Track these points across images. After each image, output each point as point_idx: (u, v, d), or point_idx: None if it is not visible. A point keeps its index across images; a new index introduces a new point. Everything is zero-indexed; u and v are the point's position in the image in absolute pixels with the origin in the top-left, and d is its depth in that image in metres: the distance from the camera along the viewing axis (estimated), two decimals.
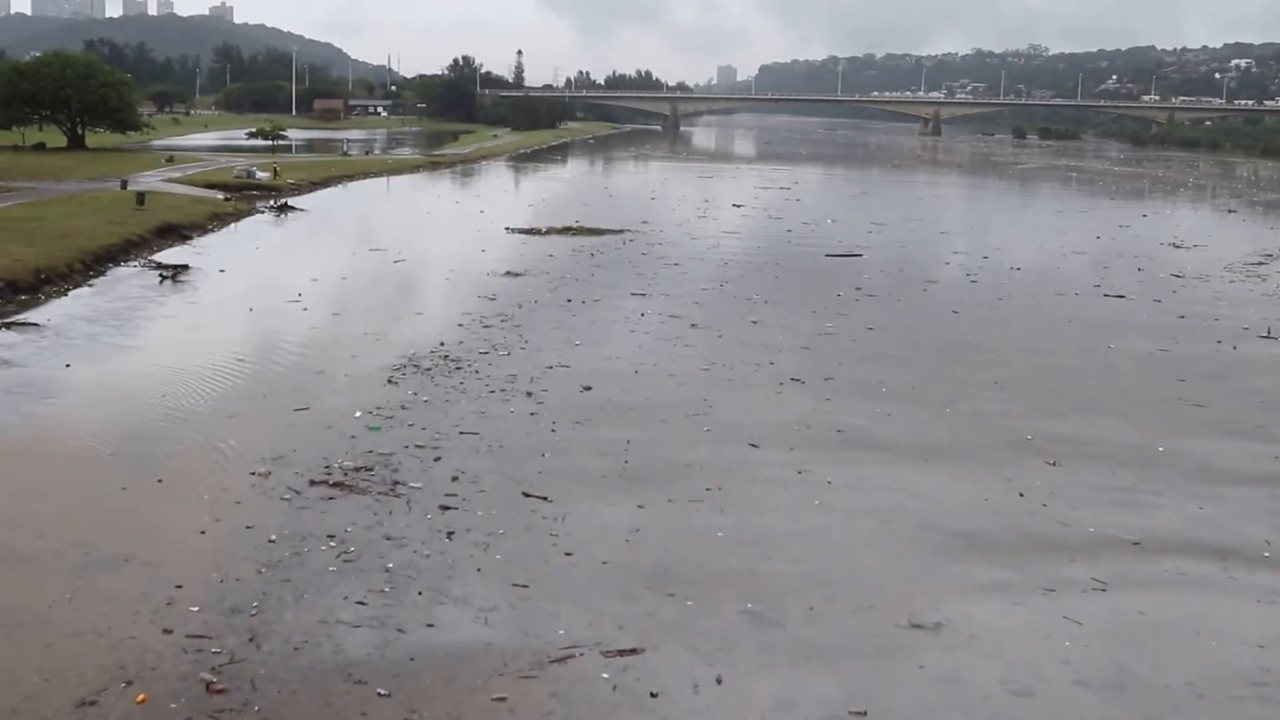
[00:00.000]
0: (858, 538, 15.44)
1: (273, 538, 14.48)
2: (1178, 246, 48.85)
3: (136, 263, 37.05)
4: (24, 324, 27.15)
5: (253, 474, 16.70)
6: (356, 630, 12.32)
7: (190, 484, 16.33)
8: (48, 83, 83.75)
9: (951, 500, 16.80)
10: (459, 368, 23.37)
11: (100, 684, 11.16)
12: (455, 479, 16.72)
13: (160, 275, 34.30)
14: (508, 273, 36.51)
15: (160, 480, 16.49)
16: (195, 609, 12.65)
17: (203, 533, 14.60)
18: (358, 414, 19.70)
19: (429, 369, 23.20)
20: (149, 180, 59.54)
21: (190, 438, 18.42)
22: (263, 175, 67.44)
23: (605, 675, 11.73)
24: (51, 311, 28.63)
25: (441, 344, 25.55)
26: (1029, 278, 39.18)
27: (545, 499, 16.03)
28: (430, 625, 12.56)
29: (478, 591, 13.30)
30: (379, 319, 28.69)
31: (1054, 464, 18.22)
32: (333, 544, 14.38)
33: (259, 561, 13.83)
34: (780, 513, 16.10)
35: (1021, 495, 16.95)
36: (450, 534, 14.85)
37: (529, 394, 21.45)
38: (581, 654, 12.05)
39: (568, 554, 14.39)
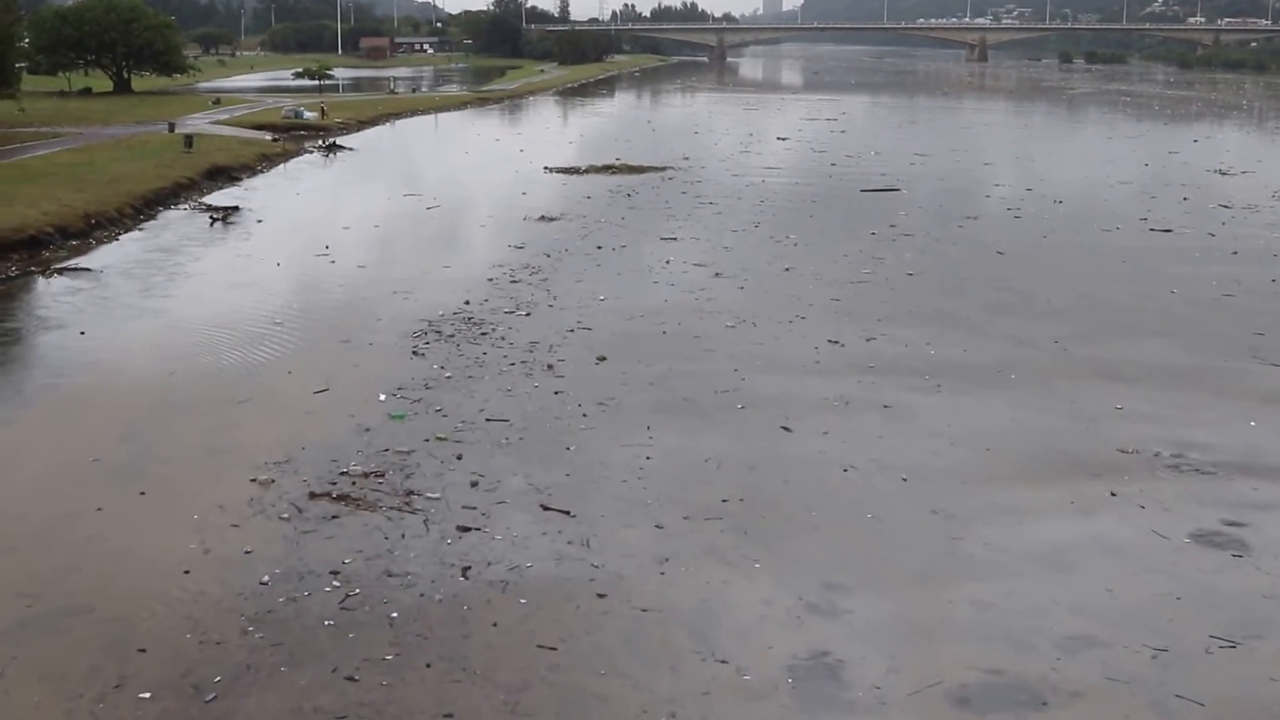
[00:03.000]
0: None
1: (265, 578, 11.81)
2: (1225, 174, 45.63)
3: (186, 205, 36.03)
4: (76, 269, 26.15)
5: (254, 481, 14.15)
6: None
7: (180, 498, 13.67)
8: (92, 27, 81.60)
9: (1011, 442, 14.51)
10: (484, 333, 20.82)
11: None
12: (475, 484, 14.14)
13: (211, 218, 33.55)
14: (541, 217, 33.95)
15: (143, 493, 13.83)
16: (148, 695, 9.88)
17: (186, 572, 11.93)
18: (382, 397, 17.23)
19: (453, 335, 20.70)
20: (196, 123, 57.90)
21: (189, 434, 15.82)
22: (310, 115, 65.77)
23: None
24: (102, 258, 27.58)
25: (467, 303, 23.05)
26: (1074, 211, 36.44)
27: (568, 514, 13.48)
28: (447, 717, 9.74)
29: (499, 658, 10.56)
30: (407, 274, 26.15)
31: (1131, 451, 15.60)
32: (335, 584, 11.76)
33: (246, 615, 11.12)
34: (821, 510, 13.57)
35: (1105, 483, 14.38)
36: (466, 570, 12.19)
37: (549, 366, 18.92)
38: None
39: (600, 595, 11.70)
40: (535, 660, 10.45)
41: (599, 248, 29.00)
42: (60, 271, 26.07)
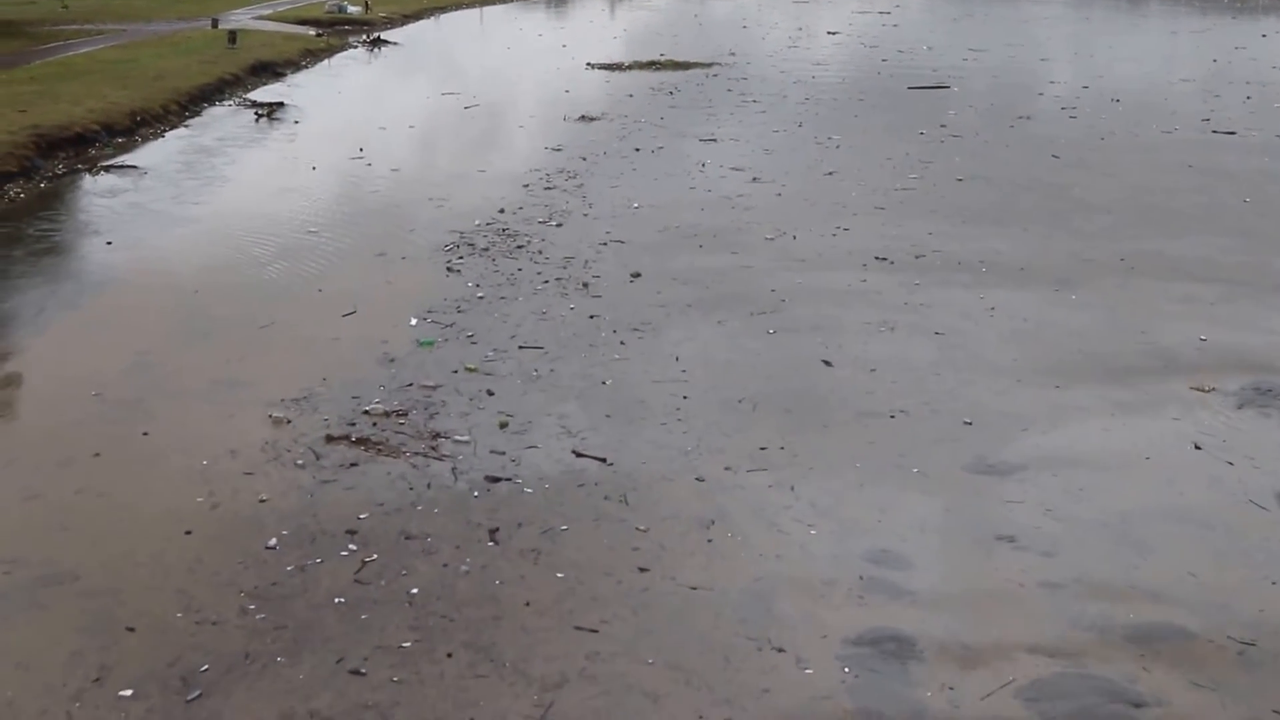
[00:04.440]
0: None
1: (273, 542, 10.30)
2: None
3: (231, 102, 34.93)
4: (122, 167, 25.16)
5: (270, 418, 12.67)
6: None
7: (188, 441, 12.14)
8: None
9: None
10: (519, 245, 19.17)
11: None
12: (504, 425, 12.59)
13: (255, 114, 32.49)
14: (581, 117, 32.05)
15: (146, 434, 12.29)
16: (129, 692, 8.34)
17: (188, 533, 10.41)
18: (412, 321, 15.71)
19: (487, 249, 19.02)
20: (239, 18, 56.26)
21: (205, 364, 14.24)
22: (354, 10, 63.91)
23: None
24: (148, 156, 26.58)
25: (501, 212, 21.43)
26: (1131, 111, 34.03)
27: (604, 461, 11.94)
28: None
29: (536, 646, 8.96)
30: (443, 179, 24.89)
31: (1208, 389, 13.79)
32: (351, 547, 10.28)
33: (246, 590, 9.60)
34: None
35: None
36: (494, 532, 10.62)
37: (584, 285, 17.32)
38: None
39: (643, 569, 10.06)
40: (573, 647, 8.92)
41: (636, 150, 27.16)
42: (107, 169, 25.04)
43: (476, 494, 11.10)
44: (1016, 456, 11.93)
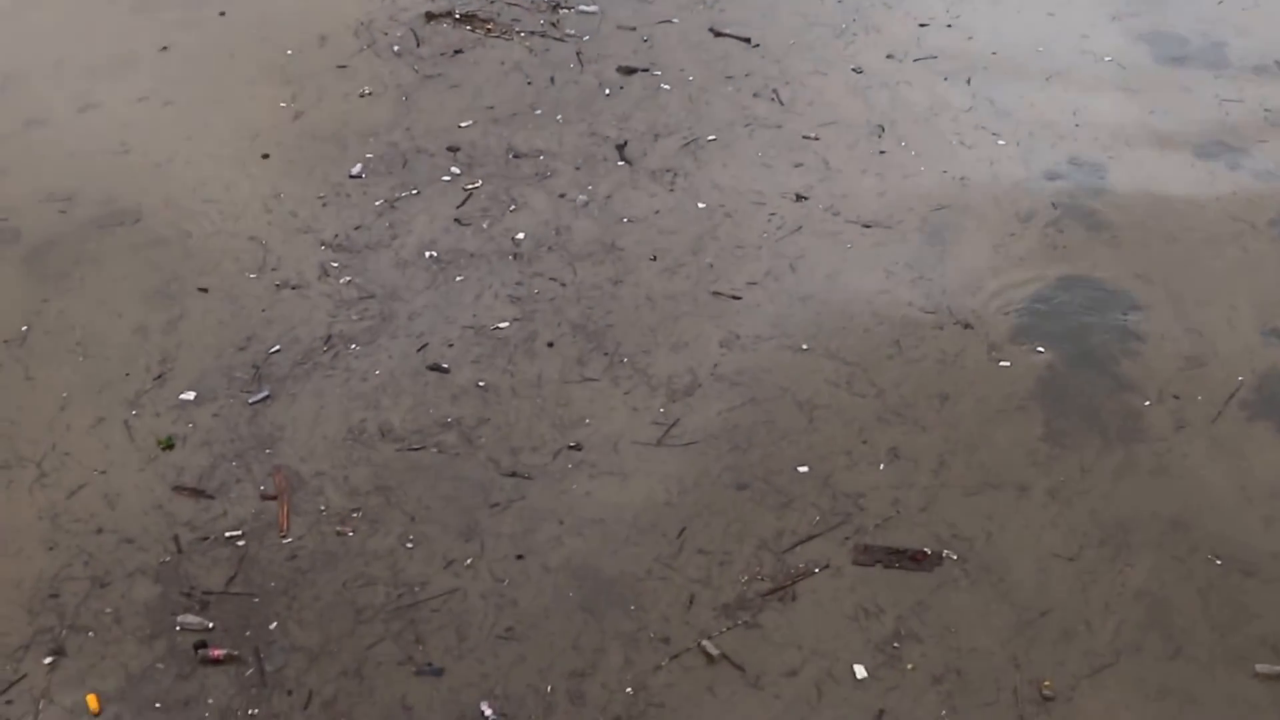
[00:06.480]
0: None
1: (357, 169, 8.32)
2: None
3: None
4: None
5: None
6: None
7: (271, 23, 9.82)
8: None
9: None
10: None
11: None
12: None
13: None
14: None
15: (223, 14, 9.93)
16: (191, 395, 6.70)
17: (265, 156, 8.48)
18: None
19: None
20: None
21: None
22: None
23: None
24: None
25: None
26: None
27: (748, 42, 9.52)
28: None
29: (661, 329, 7.11)
30: None
31: None
32: (453, 171, 8.28)
33: (327, 240, 7.70)
34: None
35: None
36: (623, 147, 8.39)
37: None
38: None
39: (801, 196, 7.97)
40: (708, 326, 7.10)
41: None
42: None
43: (607, 91, 8.74)
44: None
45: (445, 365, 6.56)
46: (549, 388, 6.38)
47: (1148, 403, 6.27)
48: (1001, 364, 6.46)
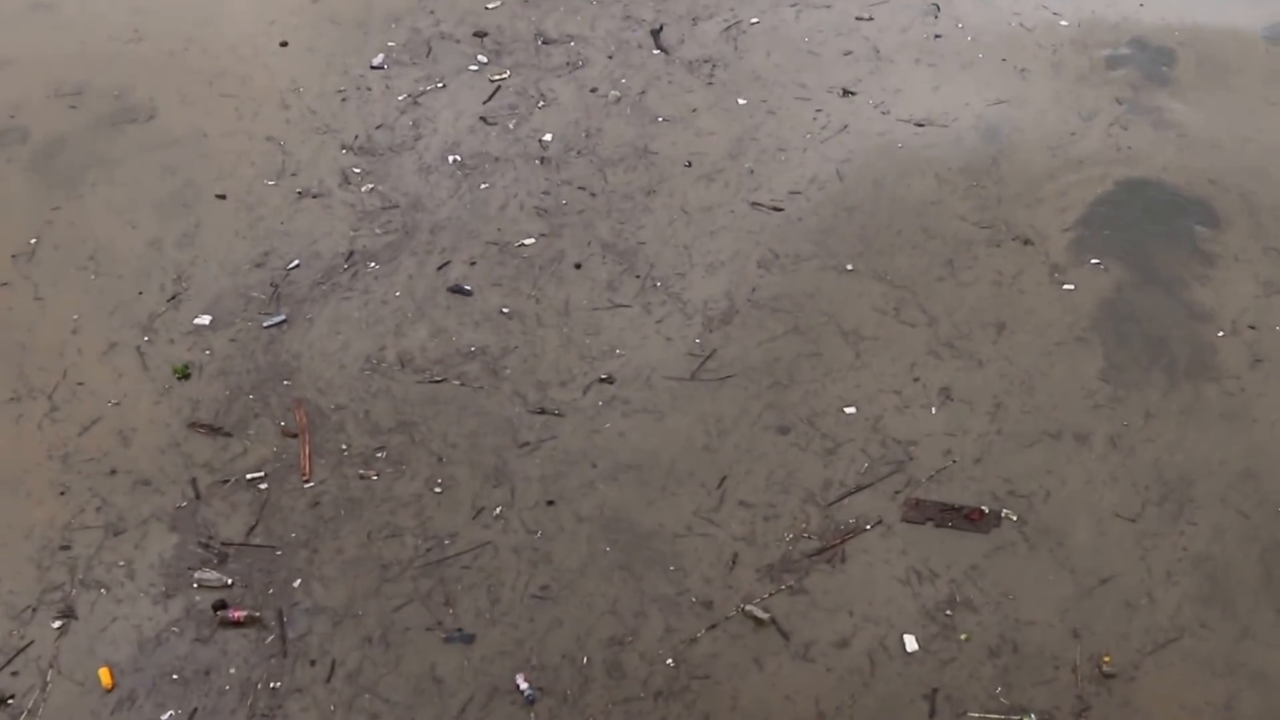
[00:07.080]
0: None
1: (378, 59, 7.76)
2: None
3: None
4: None
5: None
6: None
7: None
8: None
9: None
10: None
11: None
12: None
13: None
14: None
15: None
16: (206, 319, 6.34)
17: (284, 44, 7.95)
18: None
19: None
20: None
21: None
22: None
23: None
24: None
25: None
26: None
27: None
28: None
29: (697, 245, 6.64)
30: None
31: None
32: (481, 60, 7.78)
33: (348, 144, 7.23)
34: None
35: None
36: (658, 33, 7.76)
37: None
38: None
39: (848, 91, 7.43)
40: (748, 244, 6.62)
41: None
42: None
43: None
44: None
45: (468, 287, 6.12)
46: (577, 315, 5.94)
47: (1221, 334, 5.75)
48: (1065, 287, 5.94)
